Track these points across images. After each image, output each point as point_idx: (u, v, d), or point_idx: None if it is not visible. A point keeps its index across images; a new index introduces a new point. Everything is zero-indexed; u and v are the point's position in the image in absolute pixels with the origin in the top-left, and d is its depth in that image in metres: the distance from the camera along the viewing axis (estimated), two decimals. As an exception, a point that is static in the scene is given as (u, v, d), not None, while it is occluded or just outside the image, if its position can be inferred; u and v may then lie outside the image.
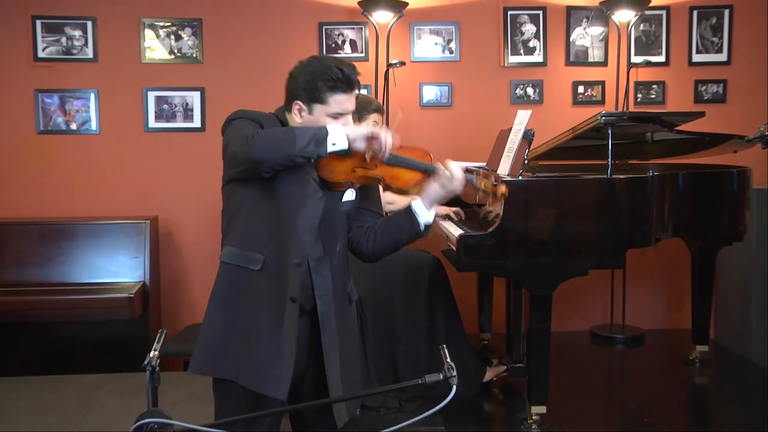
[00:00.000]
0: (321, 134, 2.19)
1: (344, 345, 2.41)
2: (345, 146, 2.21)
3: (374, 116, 3.86)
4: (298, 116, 2.35)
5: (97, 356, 4.48)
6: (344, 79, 2.30)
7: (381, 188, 2.45)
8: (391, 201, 3.96)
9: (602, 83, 5.30)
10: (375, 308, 3.84)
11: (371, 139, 2.22)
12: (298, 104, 2.34)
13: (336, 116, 2.32)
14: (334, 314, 2.37)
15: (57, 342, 4.51)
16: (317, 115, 2.32)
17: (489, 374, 4.18)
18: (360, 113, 3.81)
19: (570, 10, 5.26)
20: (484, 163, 4.33)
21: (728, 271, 4.90)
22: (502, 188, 2.31)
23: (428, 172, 2.35)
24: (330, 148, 2.19)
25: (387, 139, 2.23)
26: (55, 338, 4.51)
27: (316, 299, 2.34)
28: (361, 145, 2.23)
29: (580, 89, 5.31)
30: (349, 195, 2.40)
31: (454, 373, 1.84)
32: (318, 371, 2.37)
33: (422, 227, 2.35)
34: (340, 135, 2.20)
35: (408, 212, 2.35)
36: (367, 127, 2.25)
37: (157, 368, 1.85)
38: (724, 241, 4.36)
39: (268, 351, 2.30)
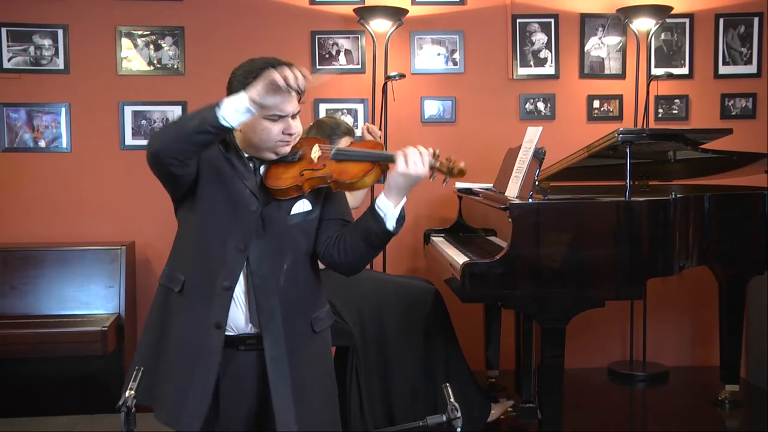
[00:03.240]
0: (213, 106, 2.18)
1: (302, 376, 2.43)
2: (246, 104, 2.17)
3: (345, 140, 3.84)
4: None
5: (67, 396, 4.47)
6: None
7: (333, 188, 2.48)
8: None
9: (619, 97, 5.34)
10: (366, 343, 3.84)
11: (276, 86, 2.17)
12: None
13: (274, 118, 2.34)
14: (283, 339, 2.39)
15: (22, 380, 4.50)
16: (254, 119, 2.32)
17: (495, 412, 4.17)
18: (330, 138, 3.81)
19: (584, 17, 5.31)
20: (491, 185, 4.35)
21: (760, 303, 4.90)
22: (460, 164, 2.39)
23: (377, 161, 2.39)
24: (232, 117, 2.17)
25: (295, 72, 2.17)
26: (20, 376, 4.49)
27: (260, 322, 2.38)
28: (270, 101, 2.20)
29: (596, 104, 5.35)
30: (300, 206, 2.43)
31: (459, 414, 1.85)
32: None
33: (390, 224, 2.34)
34: (239, 100, 2.17)
35: (371, 210, 2.36)
36: (262, 80, 2.19)
37: (133, 409, 1.85)
38: (755, 269, 4.36)
39: (184, 381, 2.37)
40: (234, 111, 2.17)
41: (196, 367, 2.36)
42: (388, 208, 2.33)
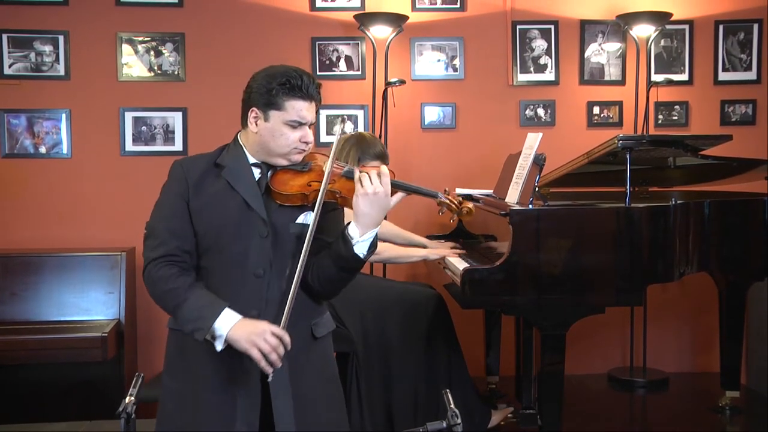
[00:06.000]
0: (203, 324, 2.27)
1: (303, 381, 2.44)
2: (219, 348, 2.29)
3: (374, 162, 3.80)
4: (253, 125, 2.41)
5: (67, 402, 4.46)
6: (302, 85, 2.35)
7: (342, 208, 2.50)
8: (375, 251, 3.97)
9: (619, 104, 5.35)
10: (367, 349, 3.84)
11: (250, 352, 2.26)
12: (254, 111, 2.41)
13: (293, 124, 2.37)
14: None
15: (21, 386, 4.50)
16: (273, 122, 2.37)
17: (495, 418, 4.16)
18: (363, 154, 3.79)
19: (584, 24, 5.32)
20: (491, 191, 4.35)
21: (760, 309, 4.90)
22: (468, 205, 2.43)
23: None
24: (207, 337, 2.29)
25: (272, 358, 2.25)
26: (19, 382, 4.49)
27: None
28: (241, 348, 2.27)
29: (596, 110, 5.35)
30: (304, 218, 2.42)
31: (459, 421, 1.85)
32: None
33: (358, 249, 2.33)
34: (218, 341, 2.28)
35: (342, 233, 2.37)
36: (252, 347, 2.24)
37: (133, 415, 1.86)
38: (755, 275, 4.35)
39: (224, 414, 2.37)
40: (212, 340, 2.28)
41: (236, 399, 2.37)
42: (354, 233, 2.33)
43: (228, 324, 2.26)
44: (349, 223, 2.37)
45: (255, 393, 2.37)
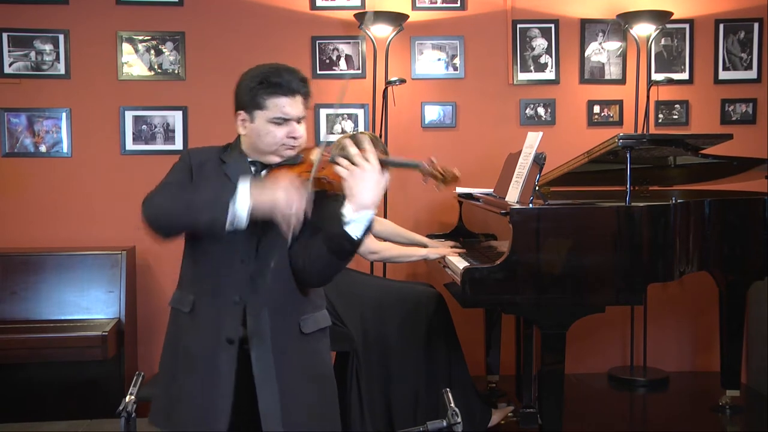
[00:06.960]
0: (223, 199, 2.23)
1: (291, 377, 2.43)
2: (244, 222, 2.25)
3: None
4: (242, 128, 2.44)
5: (67, 401, 4.47)
6: (282, 81, 2.35)
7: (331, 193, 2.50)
8: (375, 250, 3.98)
9: (620, 103, 5.35)
10: (367, 348, 3.84)
11: (274, 213, 2.24)
12: (241, 114, 2.43)
13: (278, 121, 2.37)
14: (269, 338, 2.39)
15: (22, 385, 4.50)
16: (259, 123, 2.38)
17: (495, 417, 4.16)
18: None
19: (584, 23, 5.32)
20: (491, 190, 4.35)
21: (761, 308, 4.90)
22: (453, 170, 2.43)
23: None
24: (239, 214, 2.24)
25: (294, 218, 2.23)
26: (19, 381, 4.50)
27: (247, 318, 2.39)
28: (263, 209, 2.25)
29: (596, 109, 5.35)
30: None
31: (459, 420, 1.86)
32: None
33: (350, 230, 2.27)
34: (242, 190, 2.24)
35: (338, 214, 2.33)
36: (275, 197, 2.23)
37: (134, 414, 1.86)
38: (755, 275, 4.35)
39: (203, 397, 2.38)
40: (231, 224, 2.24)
41: (214, 384, 2.37)
42: (349, 213, 2.27)
43: (244, 190, 2.24)
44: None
45: (228, 391, 2.37)
